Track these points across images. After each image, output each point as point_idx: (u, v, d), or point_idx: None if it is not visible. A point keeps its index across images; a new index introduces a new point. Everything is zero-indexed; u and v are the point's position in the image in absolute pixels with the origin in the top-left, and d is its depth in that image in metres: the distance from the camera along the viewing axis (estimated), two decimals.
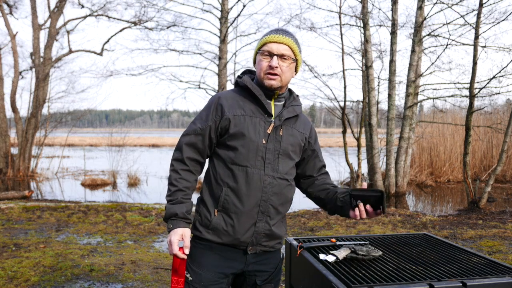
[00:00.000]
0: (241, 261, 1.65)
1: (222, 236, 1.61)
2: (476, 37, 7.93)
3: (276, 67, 1.61)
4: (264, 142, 1.62)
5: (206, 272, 1.62)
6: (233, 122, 1.61)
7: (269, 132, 1.63)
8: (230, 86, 12.37)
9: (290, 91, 1.79)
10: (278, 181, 1.64)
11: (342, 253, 1.59)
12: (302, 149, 1.77)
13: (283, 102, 1.73)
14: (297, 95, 1.80)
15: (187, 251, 1.58)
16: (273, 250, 1.72)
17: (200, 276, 1.62)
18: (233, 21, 11.82)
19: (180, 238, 1.57)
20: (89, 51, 14.34)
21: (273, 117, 1.67)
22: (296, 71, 1.73)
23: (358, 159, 8.84)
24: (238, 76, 1.75)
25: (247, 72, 1.82)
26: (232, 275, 1.67)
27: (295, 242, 1.81)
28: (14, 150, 13.26)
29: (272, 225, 1.65)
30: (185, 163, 1.66)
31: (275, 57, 1.61)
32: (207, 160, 1.76)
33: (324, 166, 1.89)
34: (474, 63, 7.91)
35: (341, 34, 8.83)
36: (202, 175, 1.78)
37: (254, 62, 1.72)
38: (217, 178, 1.63)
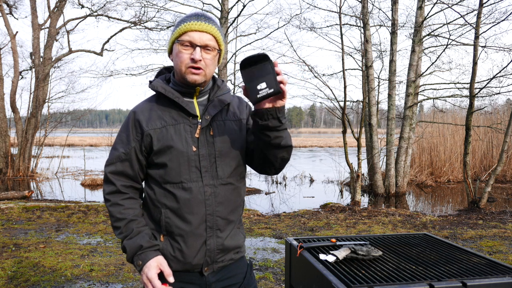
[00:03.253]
0: (200, 283, 1.47)
1: (172, 263, 1.43)
2: (476, 37, 7.93)
3: (200, 60, 1.39)
4: (194, 149, 1.43)
5: None
6: (155, 137, 1.42)
7: (197, 136, 1.44)
8: (229, 86, 12.36)
9: (213, 79, 1.56)
10: (221, 188, 1.45)
11: (342, 253, 1.58)
12: (244, 138, 1.54)
13: (207, 96, 1.52)
14: (222, 81, 1.57)
15: (171, 279, 1.37)
16: (232, 261, 1.54)
17: None
18: (233, 21, 11.82)
19: (158, 270, 1.37)
20: (89, 51, 14.34)
21: (199, 118, 1.46)
22: (218, 61, 1.51)
23: (358, 159, 8.83)
24: (150, 81, 1.51)
25: (164, 70, 1.59)
26: None
27: (295, 242, 1.81)
28: (14, 150, 13.27)
29: (224, 238, 1.47)
30: (123, 192, 1.46)
31: (198, 49, 1.39)
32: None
33: None
34: (474, 63, 7.91)
35: (341, 34, 8.83)
36: None
37: (170, 53, 1.48)
38: (153, 200, 1.46)
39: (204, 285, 1.48)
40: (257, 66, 1.28)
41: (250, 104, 1.49)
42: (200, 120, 1.46)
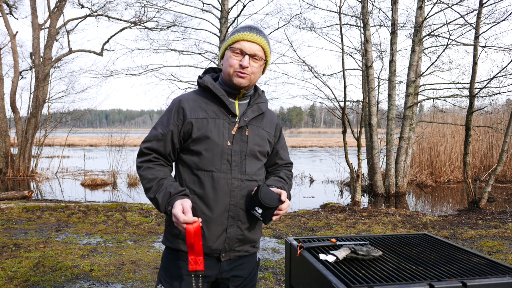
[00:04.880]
0: (215, 269, 1.60)
1: None
2: (476, 37, 7.93)
3: (247, 67, 1.55)
4: (229, 144, 1.57)
5: (180, 280, 1.57)
6: (196, 125, 1.56)
7: (233, 133, 1.58)
8: None
9: (255, 87, 1.73)
10: (246, 183, 1.59)
11: (342, 253, 1.58)
12: (270, 149, 1.72)
13: (247, 100, 1.68)
14: (263, 91, 1.74)
15: (190, 214, 1.43)
16: (248, 254, 1.67)
17: (175, 286, 1.57)
18: (233, 21, 11.82)
19: (182, 207, 1.46)
20: (89, 51, 14.34)
21: (237, 117, 1.61)
22: (264, 71, 1.67)
23: (358, 159, 8.83)
24: (199, 77, 1.68)
25: (210, 70, 1.75)
26: (208, 284, 1.62)
27: (295, 242, 1.81)
28: (14, 150, 13.26)
29: (244, 229, 1.60)
30: (153, 161, 1.61)
31: (246, 57, 1.56)
32: None
33: (284, 164, 1.81)
34: (474, 63, 7.91)
35: (341, 34, 8.82)
36: None
37: (222, 58, 1.65)
38: (183, 185, 1.58)
39: (217, 272, 1.60)
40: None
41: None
42: (238, 120, 1.61)
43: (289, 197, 1.68)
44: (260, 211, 1.52)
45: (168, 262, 1.62)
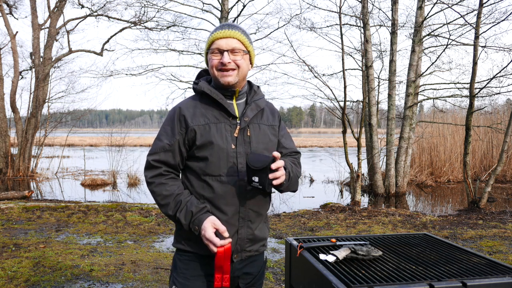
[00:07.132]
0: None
1: (207, 248, 1.53)
2: (476, 37, 7.93)
3: (229, 62, 1.54)
4: (233, 147, 1.57)
5: (194, 281, 1.58)
6: (199, 132, 1.55)
7: (236, 135, 1.58)
8: None
9: (249, 84, 1.71)
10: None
11: (342, 253, 1.58)
12: (275, 143, 1.70)
13: (244, 99, 1.67)
14: (258, 87, 1.72)
15: (226, 234, 1.49)
16: (257, 253, 1.69)
17: (188, 287, 1.58)
18: (233, 21, 11.82)
19: (214, 229, 1.48)
20: (89, 51, 14.33)
21: (238, 119, 1.60)
22: (251, 63, 1.65)
23: (358, 159, 8.83)
24: (194, 82, 1.67)
25: (203, 73, 1.74)
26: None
27: (295, 242, 1.81)
28: (14, 150, 13.26)
29: (254, 229, 1.63)
30: (165, 174, 1.59)
31: (225, 53, 1.55)
32: None
33: (288, 152, 1.78)
34: (474, 63, 7.91)
35: (341, 34, 8.82)
36: None
37: (207, 64, 1.64)
38: (192, 191, 1.59)
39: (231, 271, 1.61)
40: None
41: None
42: (239, 121, 1.60)
43: (294, 178, 1.65)
44: (256, 179, 1.48)
45: (181, 264, 1.62)
